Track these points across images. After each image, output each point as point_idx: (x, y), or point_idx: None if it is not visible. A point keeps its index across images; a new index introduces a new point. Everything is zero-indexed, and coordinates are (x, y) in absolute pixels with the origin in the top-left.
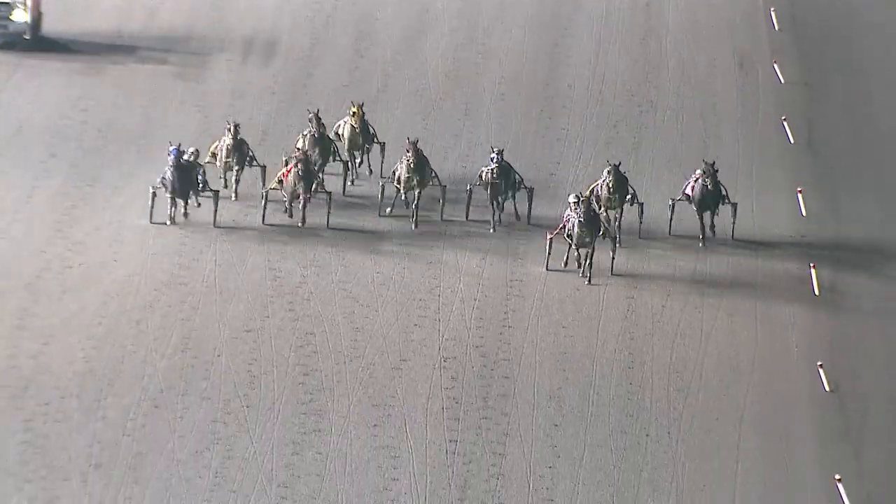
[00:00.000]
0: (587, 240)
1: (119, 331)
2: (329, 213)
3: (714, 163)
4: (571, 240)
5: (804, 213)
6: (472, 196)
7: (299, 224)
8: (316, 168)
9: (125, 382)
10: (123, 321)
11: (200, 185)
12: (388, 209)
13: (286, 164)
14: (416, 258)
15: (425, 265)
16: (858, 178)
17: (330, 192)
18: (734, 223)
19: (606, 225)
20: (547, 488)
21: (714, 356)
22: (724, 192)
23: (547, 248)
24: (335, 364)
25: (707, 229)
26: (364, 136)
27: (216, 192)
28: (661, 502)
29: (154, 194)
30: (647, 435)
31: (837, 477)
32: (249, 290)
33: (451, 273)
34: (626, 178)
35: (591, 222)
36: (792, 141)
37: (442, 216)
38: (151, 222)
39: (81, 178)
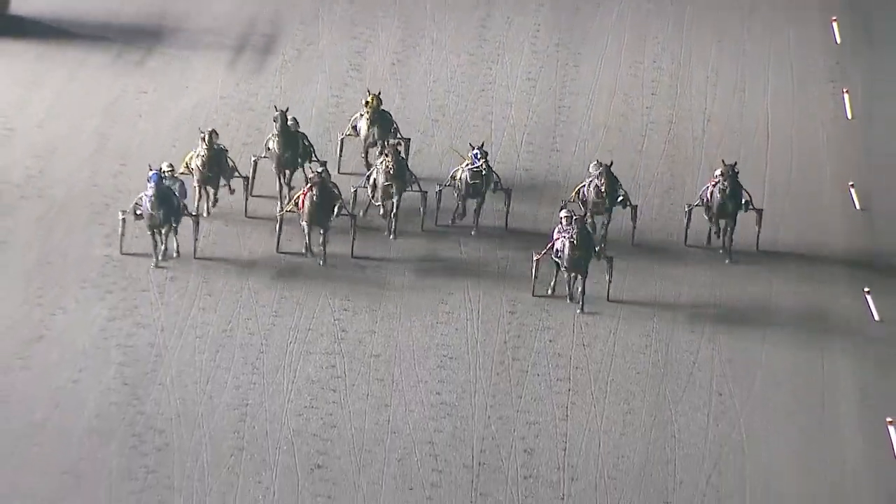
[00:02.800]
0: (580, 264)
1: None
2: (354, 240)
3: (735, 164)
4: (561, 262)
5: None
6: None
7: (320, 262)
8: (290, 169)
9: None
10: (194, 144)
11: (184, 209)
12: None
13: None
14: None
15: (478, 92)
16: None
17: (355, 216)
18: (759, 233)
19: (601, 244)
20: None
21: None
22: (746, 198)
23: (533, 270)
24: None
25: (724, 241)
26: (381, 130)
27: (197, 217)
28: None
29: (124, 221)
30: (688, 252)
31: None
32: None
33: (503, 106)
34: (617, 179)
35: (584, 243)
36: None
37: (423, 225)
38: (122, 253)
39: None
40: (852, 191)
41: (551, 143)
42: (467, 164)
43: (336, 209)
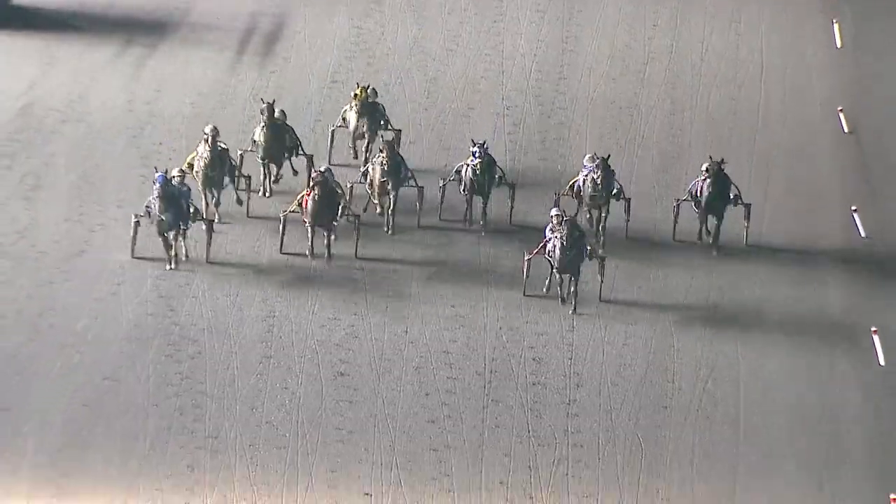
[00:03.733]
0: (570, 265)
1: (222, 81)
2: (358, 240)
3: (722, 160)
4: (552, 263)
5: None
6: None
7: (325, 258)
8: (277, 162)
9: (227, 125)
10: (228, 74)
11: (192, 212)
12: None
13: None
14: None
15: (490, 24)
16: None
17: (359, 216)
18: (747, 227)
19: (593, 245)
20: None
21: None
22: (735, 192)
23: (525, 270)
24: (411, 111)
25: (711, 235)
26: (370, 122)
27: (210, 222)
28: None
29: (136, 224)
30: (685, 173)
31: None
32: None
33: (513, 36)
34: (614, 172)
35: (575, 245)
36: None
37: (419, 221)
38: (133, 257)
39: None
40: (841, 115)
41: (559, 72)
42: (470, 160)
43: (340, 209)
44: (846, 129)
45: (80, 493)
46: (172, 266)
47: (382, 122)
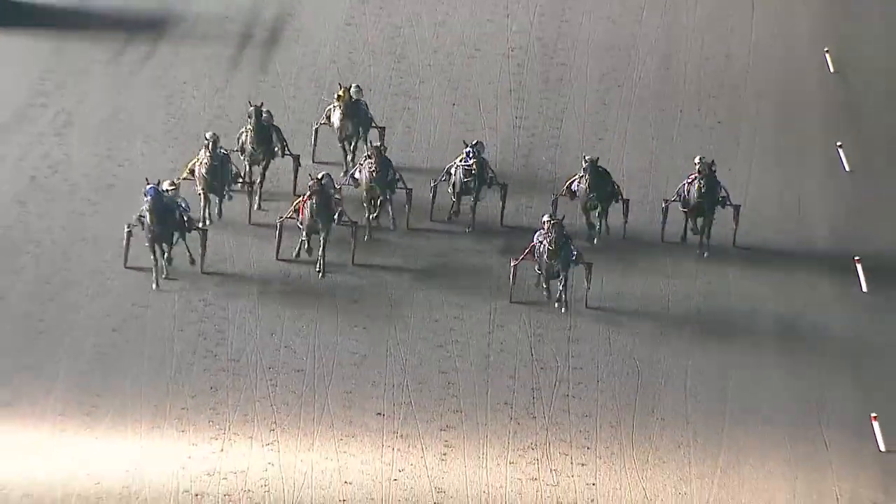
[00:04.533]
0: (556, 270)
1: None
2: (354, 248)
3: (713, 162)
4: (539, 269)
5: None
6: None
7: (317, 270)
8: (263, 164)
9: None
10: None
11: (187, 225)
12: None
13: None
14: None
15: None
16: None
17: (356, 222)
18: (735, 229)
19: (580, 251)
20: (599, 154)
21: None
22: (724, 194)
23: (511, 276)
24: (421, 53)
25: (701, 236)
26: (355, 122)
27: (204, 232)
28: (689, 164)
29: (129, 234)
30: (680, 111)
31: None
32: None
33: None
34: (608, 173)
35: (561, 249)
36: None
37: (408, 223)
38: (126, 266)
39: None
40: (827, 56)
41: (561, 13)
42: (461, 161)
43: (337, 217)
44: (832, 69)
45: (111, 412)
46: (158, 282)
47: (367, 121)
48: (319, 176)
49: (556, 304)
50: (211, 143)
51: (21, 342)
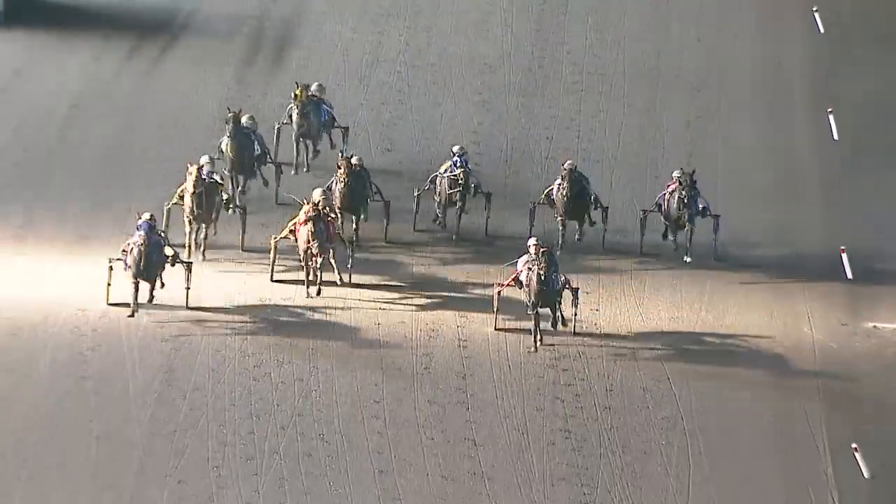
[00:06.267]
0: (548, 299)
1: None
2: (350, 267)
3: (694, 172)
4: (529, 296)
5: None
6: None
7: (312, 295)
8: (245, 173)
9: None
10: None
11: (171, 258)
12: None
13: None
14: None
15: None
16: None
17: (353, 242)
18: (716, 239)
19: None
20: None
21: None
22: (704, 204)
23: (495, 302)
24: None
25: (680, 247)
26: (315, 121)
27: (189, 265)
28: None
29: (111, 269)
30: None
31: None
32: None
33: None
34: (587, 180)
35: (551, 279)
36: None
37: (386, 236)
38: (108, 304)
39: None
40: (816, 15)
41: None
42: (447, 170)
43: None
44: (821, 30)
45: None
46: (135, 311)
47: (330, 120)
48: (317, 200)
49: (553, 327)
50: (195, 171)
51: None
